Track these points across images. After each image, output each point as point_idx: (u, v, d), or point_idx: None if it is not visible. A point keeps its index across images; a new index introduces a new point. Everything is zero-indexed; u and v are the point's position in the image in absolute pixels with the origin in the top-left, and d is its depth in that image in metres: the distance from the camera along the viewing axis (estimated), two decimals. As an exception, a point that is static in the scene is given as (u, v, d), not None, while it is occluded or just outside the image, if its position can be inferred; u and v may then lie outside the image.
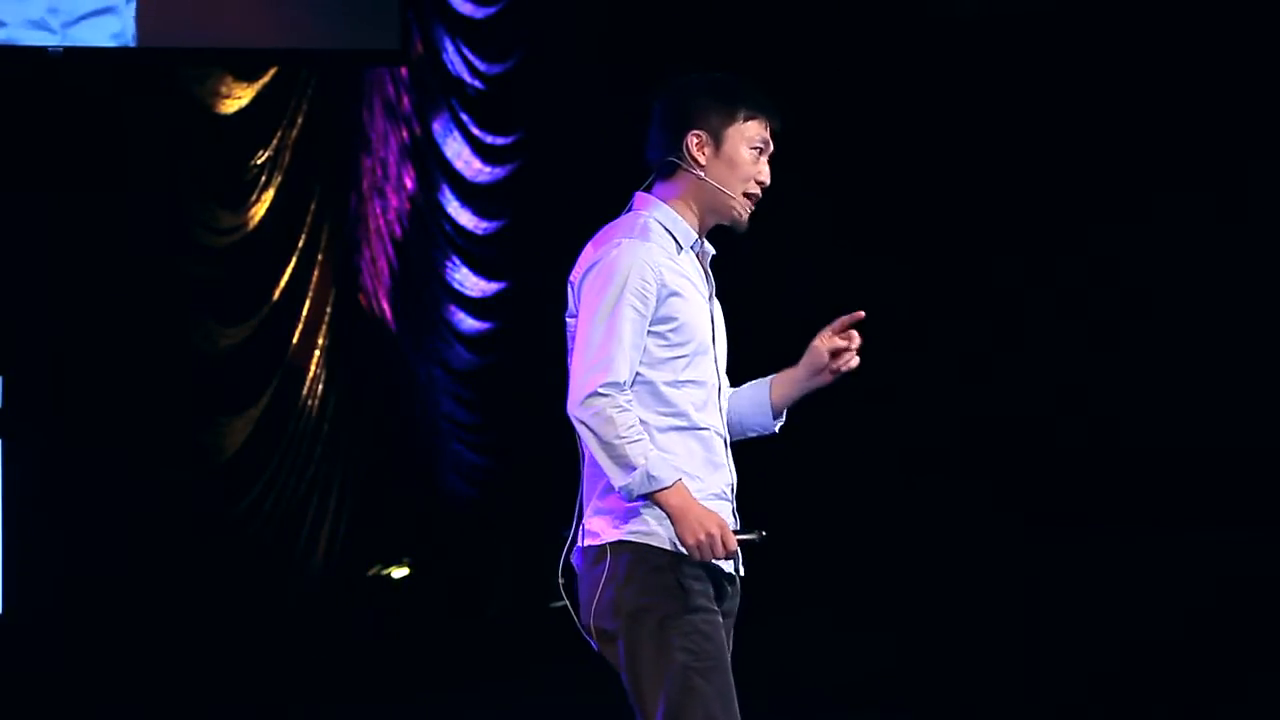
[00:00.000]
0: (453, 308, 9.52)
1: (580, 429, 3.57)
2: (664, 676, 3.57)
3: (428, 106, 9.45)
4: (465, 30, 9.38)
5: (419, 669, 8.24)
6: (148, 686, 7.91)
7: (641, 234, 3.66)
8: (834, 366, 3.84)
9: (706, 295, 3.75)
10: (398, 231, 9.56)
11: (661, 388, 3.64)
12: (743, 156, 3.74)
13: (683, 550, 3.57)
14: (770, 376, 3.88)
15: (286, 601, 8.94)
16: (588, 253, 3.70)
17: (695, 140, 3.72)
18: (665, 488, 3.54)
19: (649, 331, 3.63)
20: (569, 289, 3.72)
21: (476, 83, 9.39)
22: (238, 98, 9.02)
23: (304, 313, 9.29)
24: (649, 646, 3.58)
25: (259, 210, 9.14)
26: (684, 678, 3.56)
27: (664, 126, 3.76)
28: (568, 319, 3.71)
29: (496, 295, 9.50)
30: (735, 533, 3.66)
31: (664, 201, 3.74)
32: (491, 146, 9.44)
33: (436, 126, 9.46)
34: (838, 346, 3.85)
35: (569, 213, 9.74)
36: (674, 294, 3.64)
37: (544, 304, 9.71)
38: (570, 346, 3.66)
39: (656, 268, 3.62)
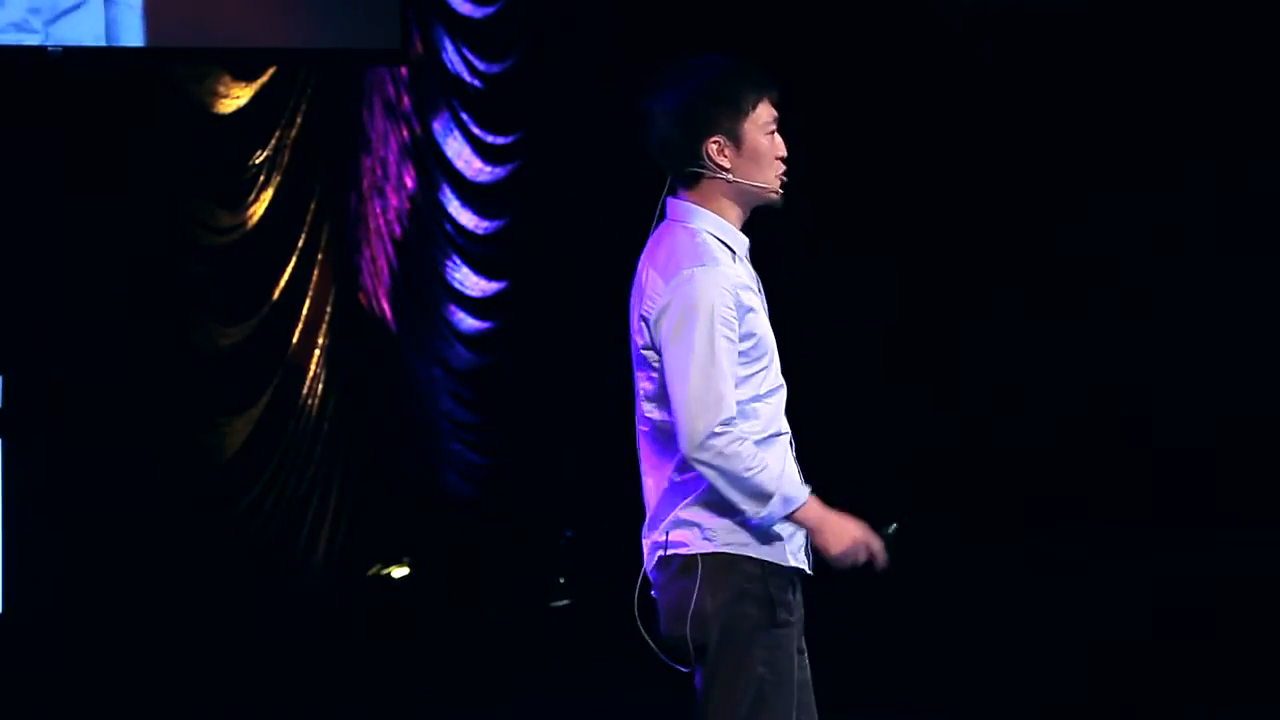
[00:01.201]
0: (453, 307, 9.52)
1: (705, 470, 3.54)
2: (740, 687, 3.59)
3: (428, 106, 9.46)
4: (465, 30, 9.38)
5: (419, 669, 8.24)
6: (148, 686, 7.90)
7: (708, 258, 3.60)
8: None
9: (762, 295, 3.72)
10: (398, 231, 9.56)
11: (749, 405, 3.62)
12: (763, 145, 3.69)
13: (777, 563, 3.62)
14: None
15: (286, 601, 8.93)
16: (655, 283, 3.62)
17: (715, 146, 3.67)
18: (801, 505, 3.56)
19: (742, 347, 3.61)
20: (639, 321, 3.65)
21: (476, 82, 9.39)
22: (236, 97, 9.02)
23: (304, 312, 9.29)
24: (732, 656, 3.60)
25: (258, 210, 9.14)
26: (759, 690, 3.60)
27: (676, 138, 3.69)
28: (641, 350, 3.65)
29: (496, 295, 9.50)
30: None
31: (704, 207, 3.70)
32: (491, 146, 9.44)
33: (436, 126, 9.46)
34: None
35: (569, 213, 9.78)
36: (749, 310, 3.62)
37: (544, 304, 9.77)
38: (643, 373, 3.64)
39: (732, 290, 3.59)
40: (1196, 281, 8.60)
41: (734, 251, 3.69)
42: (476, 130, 9.43)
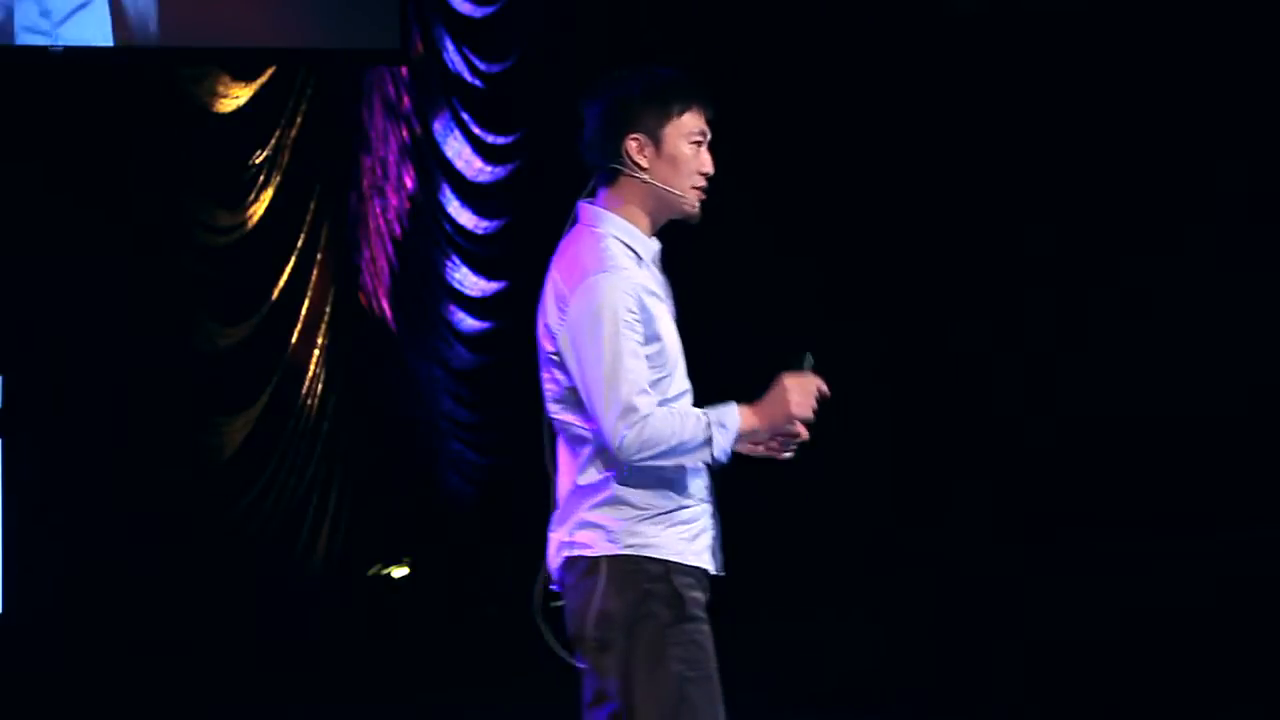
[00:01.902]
0: (453, 307, 9.52)
1: (644, 464, 3.58)
2: (658, 686, 3.61)
3: (428, 106, 9.45)
4: (465, 29, 9.37)
5: (419, 669, 8.23)
6: (148, 686, 7.90)
7: (611, 263, 3.62)
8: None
9: (669, 301, 3.74)
10: (398, 231, 9.56)
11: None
12: (684, 152, 3.70)
13: (681, 561, 3.63)
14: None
15: (286, 601, 8.93)
16: (560, 289, 3.65)
17: (634, 144, 3.70)
18: (739, 425, 3.60)
19: (646, 352, 3.61)
20: (544, 326, 3.68)
21: (476, 82, 9.39)
22: (236, 97, 9.01)
23: (303, 312, 9.29)
24: (645, 656, 3.62)
25: (258, 209, 9.13)
26: (679, 688, 3.61)
27: (600, 132, 3.74)
28: (549, 354, 3.67)
29: (496, 295, 9.49)
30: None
31: (613, 211, 3.72)
32: (492, 146, 9.44)
33: (437, 126, 9.45)
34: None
35: (569, 213, 9.76)
36: (653, 316, 3.63)
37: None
38: (548, 375, 3.67)
39: (635, 294, 3.60)
40: (1196, 282, 8.60)
41: (640, 257, 3.69)
42: (476, 130, 9.43)
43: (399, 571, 9.44)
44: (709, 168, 3.73)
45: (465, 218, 9.47)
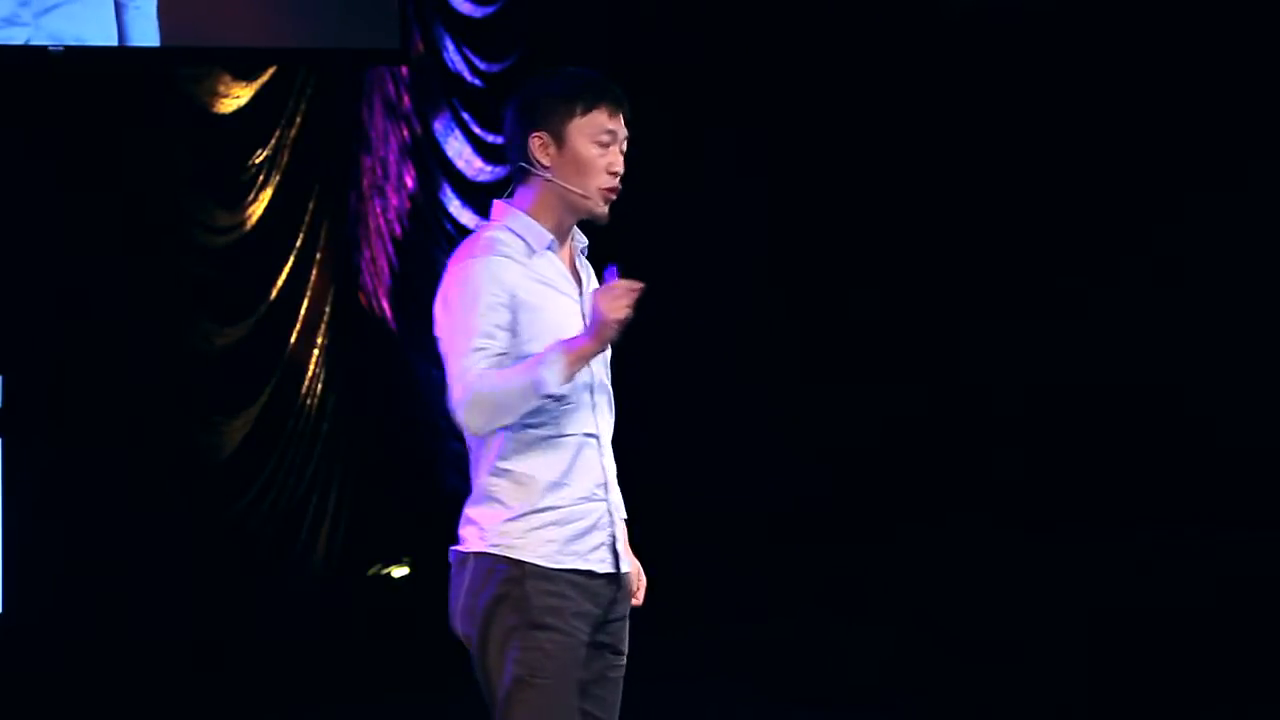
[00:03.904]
0: (453, 307, 9.50)
1: (483, 432, 3.64)
2: (500, 688, 3.67)
3: (428, 105, 9.45)
4: (465, 29, 9.38)
5: (419, 669, 8.23)
6: (147, 686, 7.90)
7: (487, 249, 3.66)
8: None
9: (576, 294, 3.75)
10: (398, 230, 9.56)
11: None
12: (588, 151, 3.71)
13: (543, 565, 3.66)
14: None
15: (286, 601, 8.93)
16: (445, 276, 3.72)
17: (538, 142, 3.72)
18: (566, 352, 3.57)
19: (511, 344, 3.64)
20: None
21: (477, 82, 9.39)
22: (236, 97, 9.01)
23: (303, 312, 9.29)
24: (493, 655, 3.69)
25: (257, 209, 9.13)
26: (516, 690, 3.66)
27: (510, 131, 3.78)
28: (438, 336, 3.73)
29: (496, 295, 9.47)
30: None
31: (521, 209, 3.74)
32: (492, 145, 9.43)
33: (437, 125, 9.45)
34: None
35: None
36: (527, 303, 3.65)
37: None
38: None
39: (501, 278, 3.63)
40: (1196, 280, 8.60)
41: (533, 248, 3.70)
42: (477, 130, 9.43)
43: (399, 571, 9.44)
44: (617, 168, 3.73)
45: (466, 217, 9.47)
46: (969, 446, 8.86)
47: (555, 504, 3.69)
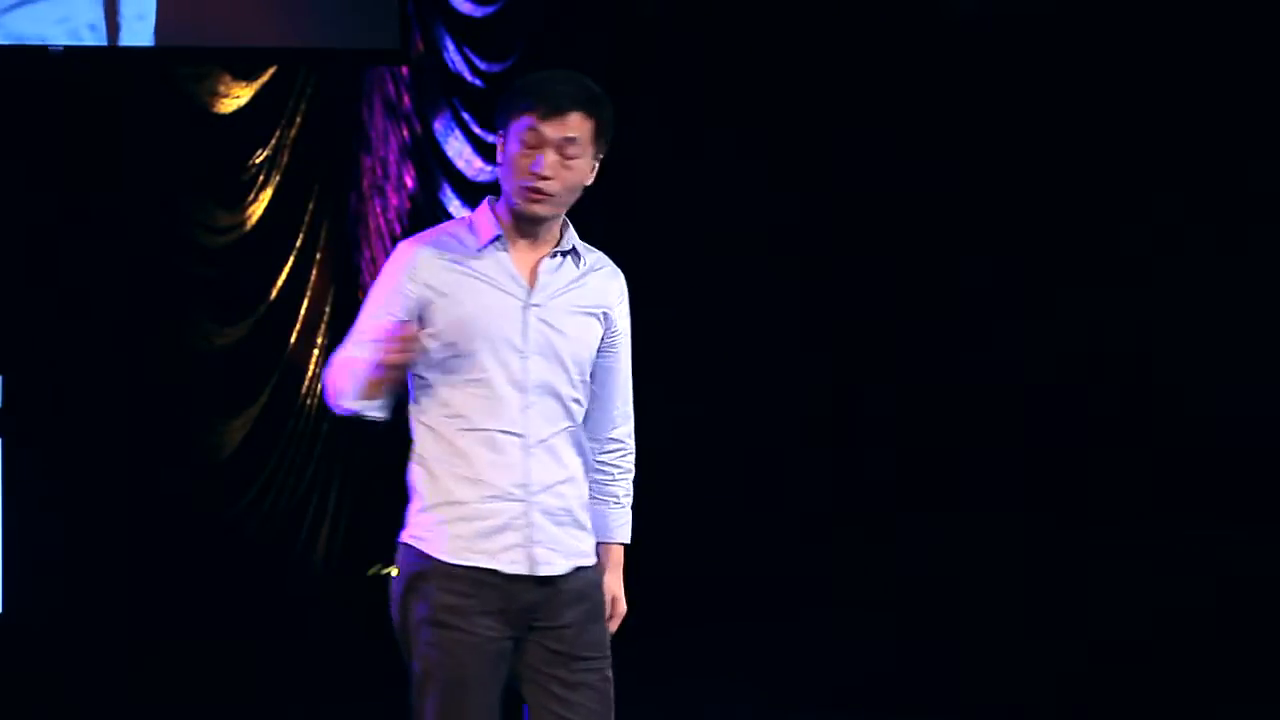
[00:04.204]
0: (453, 307, 9.51)
1: (337, 406, 3.96)
2: (412, 674, 3.81)
3: (428, 105, 9.44)
4: (466, 29, 9.37)
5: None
6: (148, 686, 7.91)
7: (418, 238, 3.80)
8: None
9: (523, 293, 3.76)
10: (398, 230, 9.55)
11: (440, 389, 3.78)
12: (514, 151, 3.75)
13: (446, 561, 3.74)
14: None
15: (286, 601, 8.93)
16: None
17: (500, 142, 3.79)
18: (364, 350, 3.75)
19: (428, 333, 3.72)
20: None
21: (477, 82, 9.38)
22: (236, 97, 9.02)
23: (302, 312, 9.29)
24: (405, 647, 3.82)
25: (257, 209, 9.13)
26: (420, 682, 3.79)
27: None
28: None
29: (496, 294, 9.47)
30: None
31: (491, 206, 3.82)
32: (492, 145, 9.37)
33: (437, 125, 9.45)
34: None
35: (568, 213, 9.76)
36: (441, 293, 3.72)
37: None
38: None
39: (415, 266, 3.73)
40: (1196, 277, 8.60)
41: (480, 243, 3.76)
42: (477, 130, 9.42)
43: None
44: (540, 169, 3.72)
45: (466, 217, 9.47)
46: (968, 445, 8.85)
47: (463, 499, 3.76)
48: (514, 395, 3.74)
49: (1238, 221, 8.52)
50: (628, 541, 3.96)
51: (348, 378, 3.80)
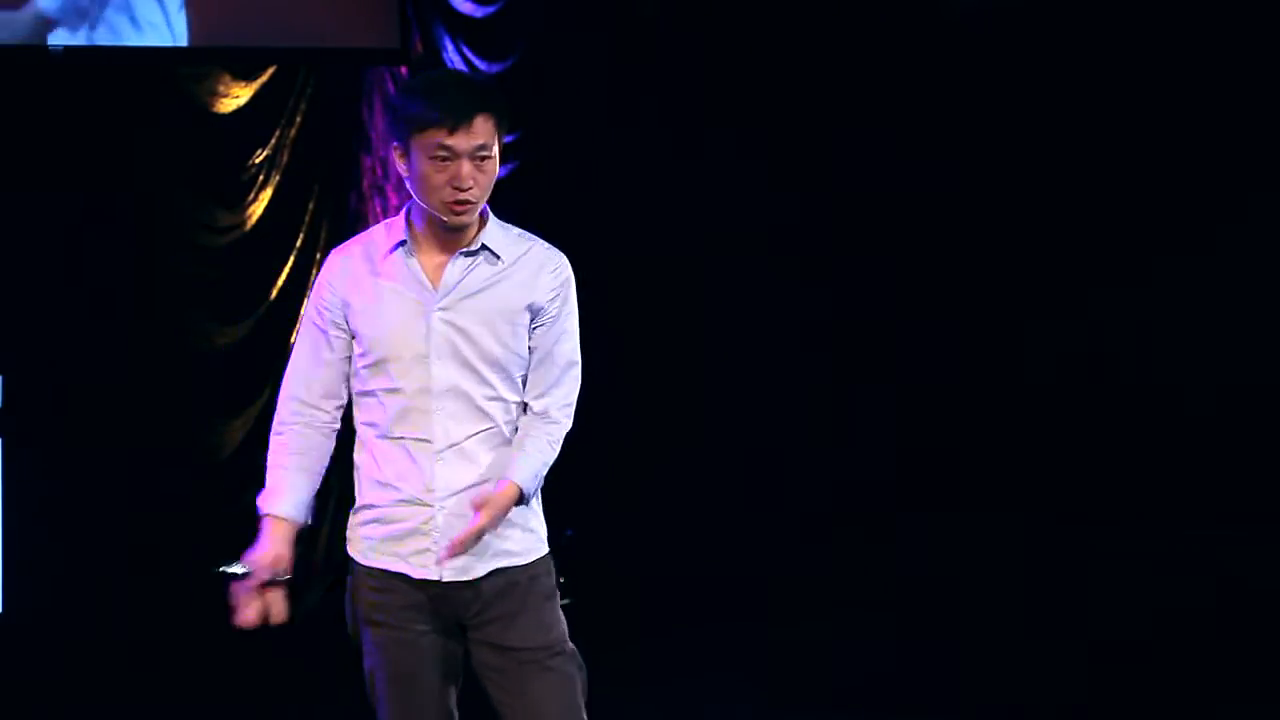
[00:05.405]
0: (453, 307, 9.51)
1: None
2: (363, 670, 3.89)
3: (428, 105, 9.44)
4: (465, 29, 9.37)
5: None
6: (148, 687, 7.91)
7: (339, 249, 3.84)
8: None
9: (426, 296, 3.74)
10: (398, 230, 9.56)
11: (362, 398, 3.86)
12: (425, 169, 3.67)
13: (363, 564, 3.86)
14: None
15: (286, 601, 8.90)
16: None
17: (397, 153, 3.73)
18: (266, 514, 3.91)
19: (353, 342, 3.78)
20: None
21: (477, 82, 9.39)
22: (236, 97, 9.02)
23: (302, 311, 9.29)
24: (358, 645, 3.92)
25: (257, 209, 9.13)
26: (369, 680, 3.89)
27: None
28: None
29: (496, 294, 9.47)
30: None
31: (409, 209, 3.79)
32: (491, 146, 9.42)
33: (437, 126, 9.45)
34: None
35: (568, 213, 9.77)
36: (360, 300, 3.75)
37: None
38: None
39: (333, 278, 3.78)
40: (1196, 272, 8.60)
41: (389, 247, 3.76)
42: (477, 130, 9.42)
43: (398, 571, 9.43)
44: (461, 182, 3.67)
45: (465, 217, 9.47)
46: (968, 445, 8.86)
47: (376, 502, 3.86)
48: (421, 401, 3.76)
49: (1238, 221, 8.52)
50: (519, 482, 3.80)
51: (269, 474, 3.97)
